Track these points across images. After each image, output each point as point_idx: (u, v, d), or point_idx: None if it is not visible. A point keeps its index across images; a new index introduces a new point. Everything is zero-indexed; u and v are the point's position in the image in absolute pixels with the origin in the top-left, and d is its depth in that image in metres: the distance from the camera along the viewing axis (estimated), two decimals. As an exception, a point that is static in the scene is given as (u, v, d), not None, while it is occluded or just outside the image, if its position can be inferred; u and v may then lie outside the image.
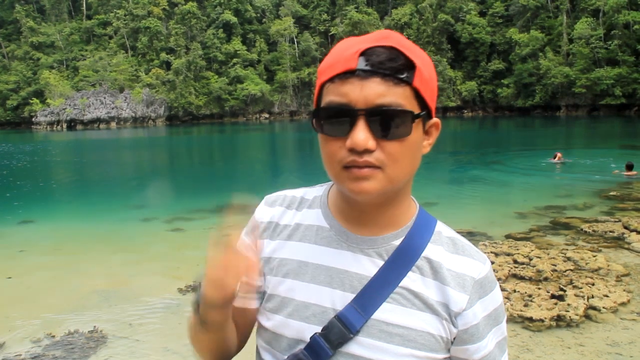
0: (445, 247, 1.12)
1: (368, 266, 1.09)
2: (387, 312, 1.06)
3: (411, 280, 1.08)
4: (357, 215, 1.12)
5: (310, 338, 1.08)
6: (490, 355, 1.11)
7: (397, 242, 1.11)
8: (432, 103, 1.05)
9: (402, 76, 0.98)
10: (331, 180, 1.12)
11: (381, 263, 1.09)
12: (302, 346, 1.09)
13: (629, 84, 61.60)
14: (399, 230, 1.12)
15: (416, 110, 1.00)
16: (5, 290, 7.51)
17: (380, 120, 0.97)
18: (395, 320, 1.06)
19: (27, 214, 13.19)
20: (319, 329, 1.08)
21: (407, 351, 1.05)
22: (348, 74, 0.98)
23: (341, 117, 0.99)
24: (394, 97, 0.97)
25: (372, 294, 1.07)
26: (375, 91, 0.96)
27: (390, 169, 1.00)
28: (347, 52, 1.00)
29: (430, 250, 1.11)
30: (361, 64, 0.98)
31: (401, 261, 1.09)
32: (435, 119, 1.09)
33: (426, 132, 1.08)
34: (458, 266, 1.09)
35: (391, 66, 0.97)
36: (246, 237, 1.22)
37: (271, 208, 1.24)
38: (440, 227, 1.15)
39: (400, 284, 1.07)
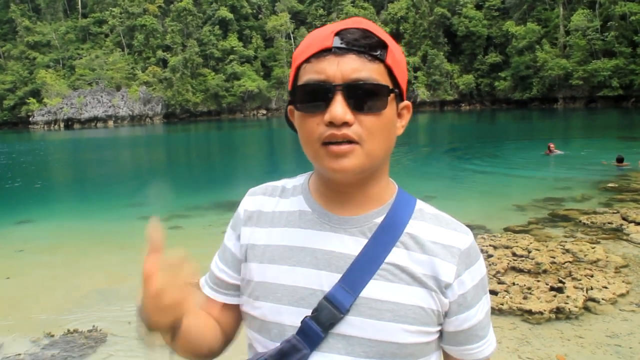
0: (429, 221, 1.14)
1: (352, 245, 1.10)
2: (375, 289, 1.07)
3: (396, 255, 1.09)
4: (337, 196, 1.14)
5: (302, 322, 1.08)
6: (480, 324, 1.14)
7: (379, 220, 1.12)
8: (404, 85, 1.10)
9: (375, 53, 1.02)
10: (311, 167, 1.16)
11: (365, 241, 1.10)
12: (293, 331, 1.09)
13: (626, 75, 61.49)
14: (380, 208, 1.14)
15: (390, 86, 1.05)
16: (4, 290, 7.50)
17: (357, 94, 1.01)
18: (384, 296, 1.07)
19: (25, 214, 13.17)
20: (308, 312, 1.08)
21: (398, 326, 1.06)
22: (324, 52, 1.02)
23: (319, 93, 1.02)
24: (369, 72, 1.01)
25: (358, 272, 1.08)
26: (351, 66, 1.00)
27: (368, 144, 1.02)
28: (322, 34, 1.05)
29: (413, 226, 1.13)
30: (336, 42, 1.02)
31: (385, 238, 1.10)
32: (406, 102, 1.13)
33: (399, 115, 1.12)
34: (443, 238, 1.12)
35: (365, 43, 1.02)
36: (230, 229, 1.25)
37: (253, 197, 1.25)
38: (421, 205, 1.18)
39: (386, 260, 1.08)
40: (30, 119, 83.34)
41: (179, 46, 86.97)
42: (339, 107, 0.99)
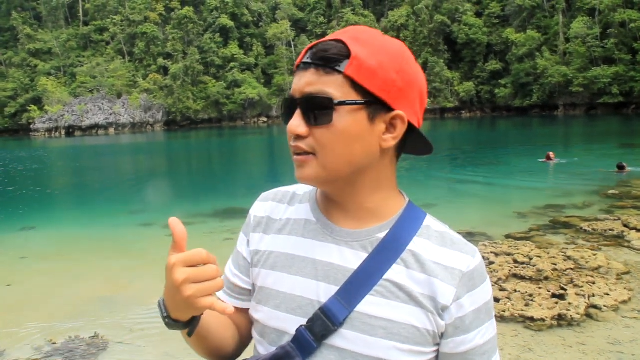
0: (434, 240, 1.11)
1: (352, 259, 1.10)
2: (370, 304, 1.06)
3: (395, 272, 1.08)
4: (333, 205, 1.15)
5: (296, 331, 1.09)
6: (479, 350, 1.09)
7: (382, 235, 1.11)
8: (386, 94, 1.03)
9: (331, 65, 1.02)
10: None
11: (365, 256, 1.10)
12: (289, 338, 1.10)
13: (626, 82, 61.70)
14: (383, 223, 1.12)
15: (351, 98, 1.02)
16: (6, 297, 7.50)
17: (306, 108, 1.04)
18: (378, 313, 1.06)
19: (27, 221, 13.17)
20: (304, 321, 1.09)
21: (391, 344, 1.05)
22: (297, 68, 1.08)
23: (288, 107, 1.09)
24: (320, 85, 1.02)
25: (355, 287, 1.07)
26: (306, 80, 1.04)
27: (321, 156, 1.05)
28: (305, 50, 1.10)
29: (417, 244, 1.10)
30: (305, 57, 1.06)
31: (385, 254, 1.09)
32: (397, 112, 1.06)
33: (391, 125, 1.07)
34: (446, 259, 1.09)
35: (323, 56, 1.03)
36: (242, 233, 1.28)
37: (264, 203, 1.27)
38: (430, 222, 1.15)
39: (384, 277, 1.07)
40: (32, 126, 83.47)
41: (179, 54, 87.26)
42: (293, 121, 1.05)
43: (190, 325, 1.06)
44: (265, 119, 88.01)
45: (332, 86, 1.02)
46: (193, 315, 1.04)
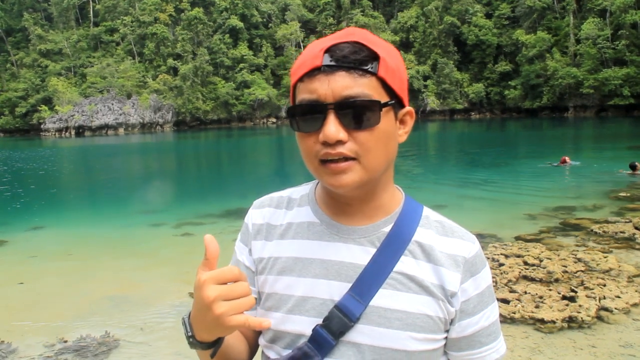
0: (435, 230, 1.16)
1: (361, 255, 1.13)
2: (384, 297, 1.09)
3: (405, 264, 1.11)
4: (344, 207, 1.16)
5: (313, 330, 1.10)
6: (484, 331, 1.15)
7: (387, 229, 1.14)
8: (402, 92, 1.09)
9: (366, 67, 1.02)
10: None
11: (374, 250, 1.12)
12: (305, 340, 1.11)
13: (637, 83, 61.18)
14: (387, 217, 1.16)
15: (384, 99, 1.04)
16: (17, 296, 7.56)
17: (349, 112, 1.01)
18: (393, 305, 1.09)
19: (37, 220, 13.27)
20: (319, 321, 1.10)
21: (407, 334, 1.08)
22: (315, 71, 1.03)
23: (312, 113, 1.04)
24: (360, 88, 1.01)
25: (368, 281, 1.10)
26: (342, 84, 1.01)
27: (365, 159, 1.04)
28: (313, 51, 1.06)
29: (421, 234, 1.14)
30: (326, 60, 1.02)
31: (393, 247, 1.12)
32: (408, 108, 1.13)
33: (401, 121, 1.13)
34: (449, 247, 1.13)
35: (355, 59, 1.01)
36: (240, 243, 1.27)
37: (261, 210, 1.27)
38: (428, 212, 1.20)
39: (395, 269, 1.11)
40: (42, 126, 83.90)
41: (189, 54, 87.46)
42: (331, 127, 1.00)
43: (215, 346, 1.07)
44: (274, 120, 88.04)
45: (369, 88, 1.02)
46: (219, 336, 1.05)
